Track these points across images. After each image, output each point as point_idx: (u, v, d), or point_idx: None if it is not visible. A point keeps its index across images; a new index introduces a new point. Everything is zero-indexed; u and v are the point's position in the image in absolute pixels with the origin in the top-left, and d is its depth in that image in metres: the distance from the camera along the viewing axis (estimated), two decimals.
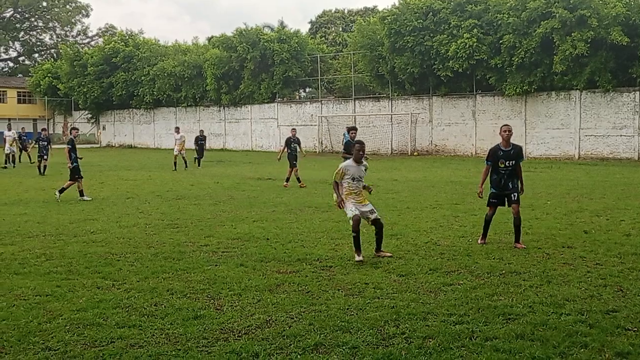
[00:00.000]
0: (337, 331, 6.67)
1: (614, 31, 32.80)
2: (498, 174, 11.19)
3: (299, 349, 6.19)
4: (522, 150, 11.49)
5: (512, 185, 11.16)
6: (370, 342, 6.33)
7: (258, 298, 7.94)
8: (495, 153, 11.21)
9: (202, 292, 8.27)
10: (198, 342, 6.42)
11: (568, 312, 7.18)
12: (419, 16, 39.58)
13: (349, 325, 6.84)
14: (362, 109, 46.02)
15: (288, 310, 7.43)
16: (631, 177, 24.40)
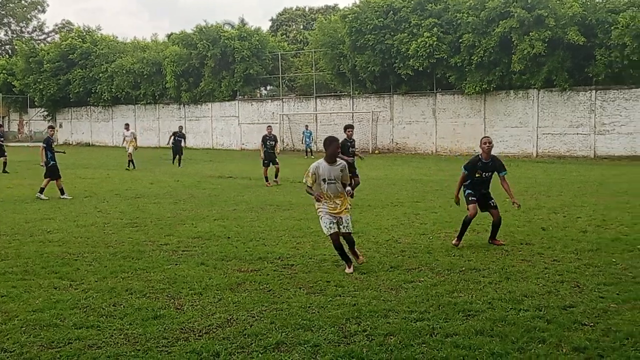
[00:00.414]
0: (299, 329, 6.64)
1: (571, 31, 33.39)
2: (475, 182, 11.06)
3: (260, 347, 6.14)
4: (502, 164, 11.18)
5: (487, 193, 11.10)
6: (331, 340, 6.32)
7: (219, 297, 7.87)
8: (474, 164, 11.04)
9: (162, 291, 8.16)
10: (158, 342, 6.34)
11: (526, 308, 7.26)
12: (379, 15, 39.74)
13: (311, 323, 6.82)
14: (323, 107, 46.06)
15: (249, 309, 7.38)
16: (587, 174, 24.86)
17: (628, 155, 33.47)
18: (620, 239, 11.32)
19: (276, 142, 23.10)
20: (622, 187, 19.92)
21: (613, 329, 6.51)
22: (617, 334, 6.34)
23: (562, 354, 5.87)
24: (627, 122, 33.86)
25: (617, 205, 15.64)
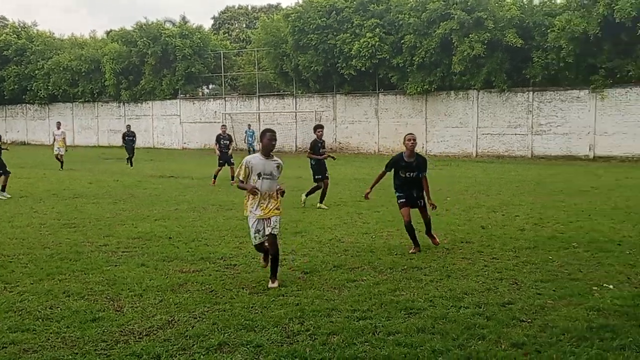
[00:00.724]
0: (241, 330, 6.60)
1: (509, 33, 34.08)
2: (399, 179, 10.67)
3: (202, 349, 6.08)
4: (426, 163, 10.77)
5: (417, 193, 10.67)
6: (274, 340, 6.31)
7: (160, 298, 7.76)
8: (396, 163, 10.63)
9: (101, 293, 8.00)
10: (96, 345, 6.20)
11: (466, 305, 7.37)
12: (322, 14, 39.81)
13: (253, 323, 6.79)
14: (266, 106, 45.90)
15: (191, 310, 7.30)
16: (525, 174, 25.43)
17: (564, 155, 34.37)
18: (557, 236, 11.62)
19: (231, 142, 22.94)
20: (558, 186, 20.44)
21: (550, 324, 6.67)
22: (554, 330, 6.49)
23: (501, 350, 5.97)
24: (563, 123, 34.76)
25: (554, 204, 16.05)
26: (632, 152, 32.61)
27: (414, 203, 10.67)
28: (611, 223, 13.06)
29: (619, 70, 32.64)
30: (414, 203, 10.67)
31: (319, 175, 16.26)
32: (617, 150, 33.06)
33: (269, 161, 8.36)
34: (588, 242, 11.04)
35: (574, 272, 8.91)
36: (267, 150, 8.41)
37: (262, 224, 8.38)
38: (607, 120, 33.41)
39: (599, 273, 8.87)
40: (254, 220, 8.39)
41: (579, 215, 14.21)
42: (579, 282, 8.37)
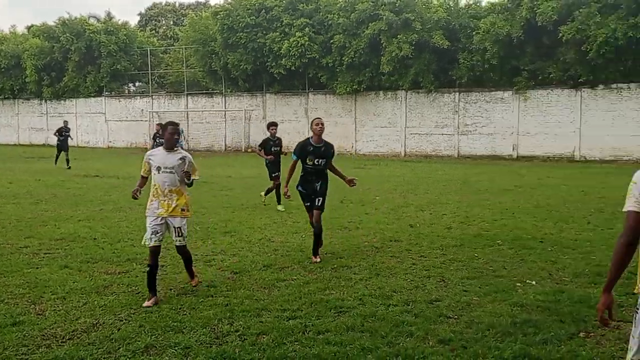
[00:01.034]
0: (169, 332, 6.49)
1: (436, 35, 34.69)
2: (306, 171, 10.01)
3: (129, 352, 5.95)
4: (333, 149, 10.25)
5: (319, 187, 9.99)
6: (203, 341, 6.23)
7: (84, 301, 7.55)
8: (303, 148, 9.93)
9: (22, 296, 7.72)
10: (17, 350, 5.98)
11: (395, 303, 7.44)
12: (251, 13, 39.60)
13: (182, 325, 6.69)
14: (194, 104, 45.35)
15: (117, 312, 7.13)
16: (452, 173, 25.92)
17: (488, 155, 35.22)
18: (482, 234, 11.87)
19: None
20: (484, 185, 20.92)
21: (476, 320, 6.80)
22: (480, 326, 6.61)
23: (428, 347, 6.05)
24: (488, 124, 35.62)
25: (479, 203, 16.41)
26: (553, 152, 33.71)
27: (313, 203, 10.03)
28: (534, 221, 13.45)
29: (540, 72, 33.68)
30: (313, 203, 10.03)
31: (275, 172, 15.86)
32: (539, 150, 34.10)
33: (170, 154, 7.73)
34: (512, 239, 11.32)
35: (498, 269, 9.12)
36: (168, 143, 7.78)
37: (163, 226, 7.68)
38: (529, 121, 34.42)
39: (523, 270, 9.11)
40: (153, 219, 7.66)
41: (503, 213, 14.58)
42: (504, 278, 8.57)
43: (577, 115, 33.19)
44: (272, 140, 15.97)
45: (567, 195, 17.84)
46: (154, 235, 7.64)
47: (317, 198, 9.97)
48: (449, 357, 5.82)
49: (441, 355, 5.83)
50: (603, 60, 31.13)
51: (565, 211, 14.90)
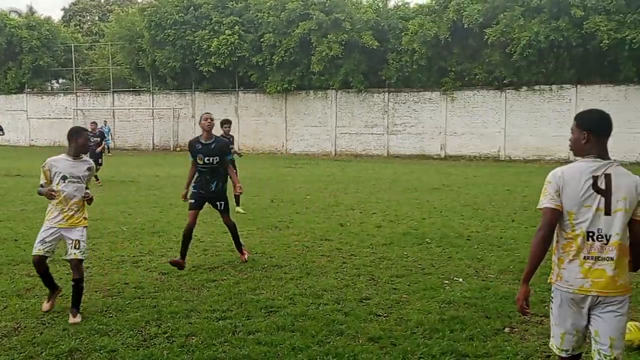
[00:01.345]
0: (94, 335, 6.32)
1: (365, 35, 35.01)
2: (199, 172, 9.32)
3: (52, 356, 5.77)
4: (227, 145, 9.67)
5: (216, 188, 9.31)
6: (130, 344, 6.09)
7: (4, 304, 7.28)
8: (192, 147, 9.28)
9: None
10: None
11: (326, 302, 7.45)
12: (180, 10, 39.07)
13: (107, 327, 6.53)
14: (121, 102, 44.41)
15: (39, 315, 6.90)
16: (381, 172, 26.20)
17: (417, 154, 35.79)
18: (411, 232, 12.02)
19: (102, 139, 21.65)
20: (413, 184, 21.21)
21: (405, 318, 6.86)
22: (408, 323, 6.68)
23: (358, 345, 6.07)
24: (416, 124, 36.19)
25: (408, 201, 16.62)
26: (479, 151, 34.53)
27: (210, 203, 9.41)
28: (461, 219, 13.71)
29: (467, 73, 34.45)
30: (201, 205, 9.34)
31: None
32: (465, 149, 34.87)
33: (78, 162, 7.02)
34: (440, 237, 11.51)
35: (427, 267, 9.24)
36: (79, 151, 7.07)
37: (56, 235, 6.97)
38: (456, 121, 35.16)
39: (450, 267, 9.26)
40: (47, 227, 6.98)
41: (431, 212, 14.81)
42: (432, 276, 8.69)
43: (502, 116, 34.10)
44: (226, 138, 14.51)
45: (492, 194, 18.27)
46: (42, 245, 6.96)
47: (218, 202, 9.37)
48: (378, 355, 5.85)
49: (371, 353, 5.86)
50: (526, 63, 32.11)
51: (491, 209, 15.26)
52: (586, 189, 4.00)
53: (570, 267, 4.05)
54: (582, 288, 4.00)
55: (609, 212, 3.98)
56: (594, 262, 3.98)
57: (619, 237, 3.97)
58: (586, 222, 3.99)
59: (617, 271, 3.98)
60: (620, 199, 3.98)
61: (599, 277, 3.97)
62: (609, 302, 4.00)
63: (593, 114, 4.25)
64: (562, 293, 4.11)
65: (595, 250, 3.98)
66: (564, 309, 4.11)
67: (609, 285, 3.97)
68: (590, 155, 4.10)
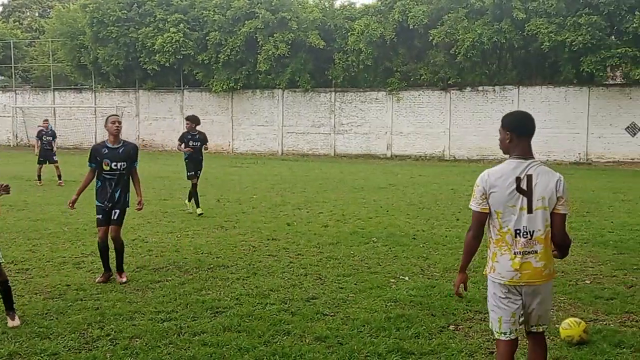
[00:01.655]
0: (35, 338, 6.18)
1: (312, 35, 35.04)
2: (103, 180, 8.46)
3: None
4: (136, 151, 8.76)
5: (119, 198, 8.48)
6: (72, 347, 5.98)
7: None
8: (97, 152, 8.44)
9: None
10: None
11: (273, 302, 7.42)
12: (123, 6, 38.41)
13: (49, 330, 6.39)
14: (62, 100, 43.40)
15: None
16: (328, 172, 26.25)
17: (364, 154, 35.98)
18: (358, 232, 12.08)
19: (54, 138, 20.95)
20: (359, 183, 21.32)
21: (351, 317, 6.89)
22: (355, 322, 6.71)
23: (305, 344, 6.07)
24: (363, 123, 36.38)
25: (355, 201, 16.70)
26: (424, 151, 34.91)
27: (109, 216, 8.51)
28: (407, 218, 13.84)
29: (412, 73, 34.80)
30: (108, 218, 8.50)
31: (190, 172, 14.25)
32: (411, 149, 35.22)
33: None
34: (386, 236, 11.59)
35: (373, 266, 9.29)
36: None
37: None
38: (402, 121, 35.48)
39: (396, 266, 9.33)
40: None
41: (378, 211, 14.90)
42: (378, 275, 8.75)
43: (447, 116, 34.56)
44: (190, 134, 14.35)
45: (438, 194, 18.50)
46: None
47: (115, 210, 8.45)
48: (325, 354, 5.85)
49: (318, 353, 5.86)
50: (470, 64, 32.63)
51: (436, 209, 15.44)
52: (510, 191, 4.44)
53: (502, 261, 4.51)
54: (512, 280, 4.49)
55: (531, 210, 4.44)
56: (522, 257, 4.45)
57: (541, 232, 4.44)
58: (512, 221, 4.46)
59: (542, 262, 4.46)
60: (540, 197, 4.43)
61: (527, 269, 4.45)
62: (539, 290, 4.53)
63: (515, 115, 4.72)
64: (495, 284, 4.59)
65: (522, 245, 4.45)
66: (499, 297, 4.58)
67: (535, 276, 4.47)
68: (514, 154, 4.52)
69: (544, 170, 4.50)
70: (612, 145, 31.56)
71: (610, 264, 9.52)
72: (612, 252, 10.38)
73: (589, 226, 12.77)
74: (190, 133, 14.33)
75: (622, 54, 29.35)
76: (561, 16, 30.47)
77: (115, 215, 8.44)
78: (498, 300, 4.60)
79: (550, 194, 4.44)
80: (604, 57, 29.72)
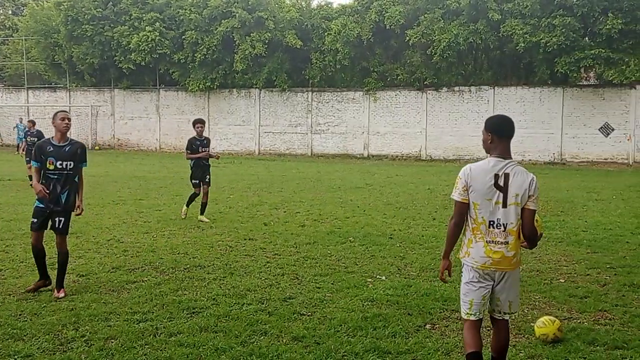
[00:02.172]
0: (8, 339, 6.11)
1: (289, 34, 35.03)
2: (47, 178, 7.81)
3: None
4: (84, 150, 8.15)
5: (65, 200, 7.85)
6: (46, 349, 5.91)
7: None
8: (42, 148, 7.93)
9: None
10: None
11: (250, 302, 7.40)
12: (98, 5, 38.12)
13: (22, 332, 6.31)
14: (36, 99, 42.96)
15: None
16: (305, 171, 26.26)
17: (340, 154, 36.04)
18: (335, 231, 12.08)
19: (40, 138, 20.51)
20: (336, 183, 21.35)
21: (328, 317, 6.89)
22: (332, 321, 6.71)
23: (282, 344, 6.06)
24: (340, 123, 36.44)
25: (332, 200, 16.71)
26: (401, 151, 35.06)
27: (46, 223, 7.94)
28: (384, 218, 13.88)
29: (389, 74, 34.93)
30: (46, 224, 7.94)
31: (195, 179, 13.48)
32: (388, 149, 35.35)
33: None
34: (363, 236, 11.61)
35: (350, 266, 9.30)
36: None
37: None
38: (379, 121, 35.59)
39: (373, 265, 9.35)
40: None
41: (355, 210, 14.93)
42: (355, 274, 8.76)
43: (423, 116, 34.74)
44: (198, 140, 13.63)
45: (414, 193, 18.58)
46: None
47: (58, 218, 7.80)
48: (302, 354, 5.85)
49: (295, 352, 5.86)
50: (446, 64, 32.84)
51: (413, 208, 15.51)
52: (489, 186, 4.89)
53: (477, 247, 4.98)
54: (484, 265, 4.96)
55: (506, 205, 4.89)
56: (495, 245, 4.92)
57: (513, 225, 4.90)
58: (487, 213, 4.92)
59: (512, 252, 4.94)
60: (514, 194, 4.87)
61: (498, 257, 4.92)
62: (508, 276, 5.01)
63: (497, 118, 5.18)
64: (469, 267, 5.04)
65: (495, 235, 4.92)
66: (472, 282, 5.04)
67: (505, 263, 4.95)
68: (495, 154, 4.96)
69: (520, 170, 4.92)
70: (586, 145, 31.94)
71: (584, 262, 9.62)
72: (585, 251, 10.50)
73: (563, 225, 12.90)
74: (199, 139, 13.55)
75: (595, 55, 29.74)
76: (536, 17, 30.79)
77: (60, 224, 7.80)
78: (471, 285, 5.03)
79: (523, 191, 4.87)
80: (577, 58, 30.10)
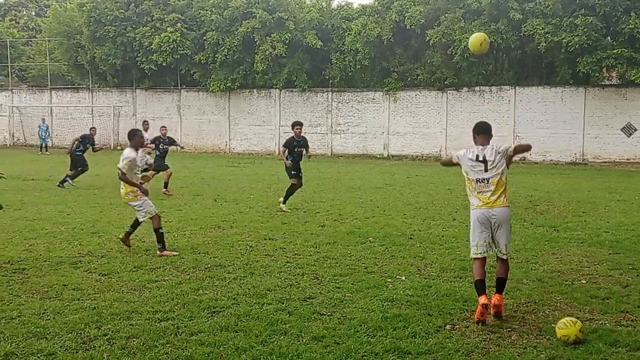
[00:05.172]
0: (32, 338, 6.16)
1: (309, 34, 35.07)
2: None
3: None
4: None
5: None
6: (69, 347, 5.95)
7: None
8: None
9: None
10: None
11: (270, 301, 7.42)
12: (120, 6, 38.42)
13: (45, 330, 6.36)
14: (59, 99, 43.37)
15: None
16: (325, 172, 26.26)
17: (360, 154, 36.02)
18: (355, 231, 12.08)
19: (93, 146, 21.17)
20: (356, 183, 21.33)
21: (348, 317, 6.89)
22: (352, 321, 6.71)
23: (302, 344, 6.07)
24: (360, 123, 36.43)
25: (352, 201, 16.72)
26: (421, 151, 34.97)
27: None
28: (403, 218, 13.85)
29: (409, 74, 34.85)
30: None
31: (294, 171, 15.41)
32: (408, 149, 35.27)
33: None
34: (383, 236, 11.60)
35: (370, 266, 9.30)
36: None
37: None
38: (399, 121, 35.52)
39: (393, 266, 9.34)
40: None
41: (374, 211, 14.92)
42: (375, 275, 8.76)
43: (443, 116, 34.62)
44: (296, 141, 15.37)
45: (434, 193, 18.53)
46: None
47: None
48: (322, 353, 5.86)
49: (315, 352, 5.87)
50: (467, 64, 32.66)
51: (433, 208, 15.47)
52: (474, 159, 7.10)
53: (474, 197, 7.13)
54: (479, 206, 7.06)
55: (487, 170, 7.04)
56: (482, 194, 7.05)
57: (493, 179, 7.02)
58: (475, 175, 7.09)
59: (495, 195, 7.00)
60: (491, 161, 7.04)
61: (486, 200, 7.03)
62: (502, 223, 7.01)
63: (477, 123, 7.53)
64: (473, 217, 7.10)
65: (482, 188, 7.06)
66: (476, 227, 7.07)
67: (492, 203, 7.00)
68: (477, 144, 7.24)
69: (490, 147, 7.14)
70: (608, 145, 31.66)
71: (606, 263, 9.55)
72: (607, 252, 10.42)
73: (585, 226, 12.80)
74: (296, 139, 15.23)
75: (617, 54, 29.46)
76: (557, 17, 30.55)
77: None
78: (476, 229, 7.07)
79: (495, 155, 7.06)
80: (600, 58, 29.83)
